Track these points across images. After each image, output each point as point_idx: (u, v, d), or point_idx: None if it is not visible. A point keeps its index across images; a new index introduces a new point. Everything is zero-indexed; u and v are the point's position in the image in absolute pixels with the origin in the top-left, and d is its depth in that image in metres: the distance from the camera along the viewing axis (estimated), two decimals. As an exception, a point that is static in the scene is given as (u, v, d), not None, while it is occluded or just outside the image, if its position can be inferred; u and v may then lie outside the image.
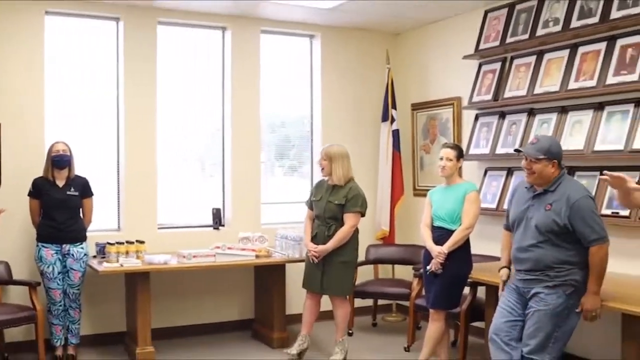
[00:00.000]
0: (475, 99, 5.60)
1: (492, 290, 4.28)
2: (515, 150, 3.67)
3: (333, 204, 4.92)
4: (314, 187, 5.13)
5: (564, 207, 3.43)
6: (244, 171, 6.13)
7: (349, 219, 4.86)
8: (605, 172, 3.29)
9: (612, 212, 4.30)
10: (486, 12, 5.67)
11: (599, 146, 4.57)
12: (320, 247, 4.88)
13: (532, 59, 5.20)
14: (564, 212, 3.42)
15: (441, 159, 4.40)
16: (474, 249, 4.60)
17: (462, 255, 4.32)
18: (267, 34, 6.33)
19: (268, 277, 5.57)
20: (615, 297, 3.59)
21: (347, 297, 5.05)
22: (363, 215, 4.96)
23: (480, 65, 5.68)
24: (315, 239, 4.98)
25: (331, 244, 4.85)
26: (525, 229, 3.57)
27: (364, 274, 6.20)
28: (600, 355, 4.63)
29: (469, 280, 4.42)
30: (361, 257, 6.02)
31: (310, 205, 5.05)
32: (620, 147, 4.42)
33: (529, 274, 3.55)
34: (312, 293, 5.03)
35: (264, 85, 6.27)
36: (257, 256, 5.35)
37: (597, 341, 4.58)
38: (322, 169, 5.01)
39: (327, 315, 5.50)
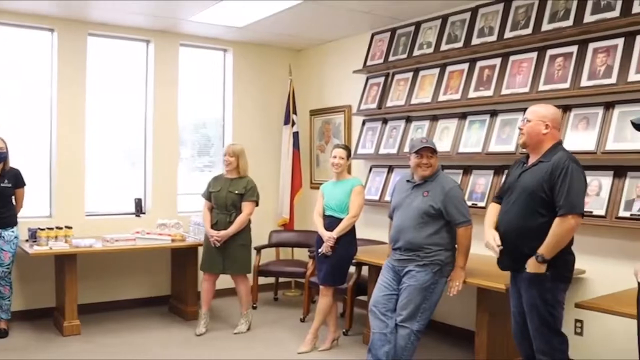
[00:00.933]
0: (363, 107, 5.59)
1: (374, 269, 4.25)
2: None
3: (234, 194, 4.79)
4: (211, 181, 4.94)
5: (439, 193, 3.44)
6: (163, 165, 5.94)
7: (247, 207, 4.76)
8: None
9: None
10: (373, 35, 5.66)
11: (462, 149, 4.62)
12: (223, 232, 4.73)
13: (410, 75, 5.23)
14: (439, 198, 3.43)
15: (334, 157, 4.35)
16: (359, 234, 4.56)
17: (349, 240, 4.28)
18: (185, 47, 6.14)
19: (182, 258, 5.38)
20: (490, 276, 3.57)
21: (247, 275, 4.92)
22: (257, 204, 4.88)
23: (367, 79, 5.67)
24: (216, 226, 4.82)
25: (232, 229, 4.72)
26: (405, 212, 3.54)
27: (267, 256, 6.12)
28: (460, 323, 4.71)
29: (354, 260, 4.38)
30: (264, 241, 6.03)
31: (208, 196, 4.88)
32: (479, 149, 4.49)
33: (403, 254, 3.52)
34: (210, 274, 4.87)
35: (183, 91, 6.09)
36: (172, 240, 5.20)
37: (458, 310, 4.66)
38: (229, 164, 4.85)
39: (230, 292, 5.44)
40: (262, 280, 5.99)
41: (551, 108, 2.98)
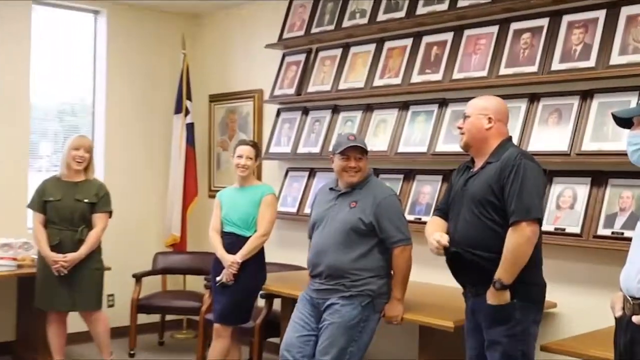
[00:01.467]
0: (278, 92, 5.57)
1: (289, 303, 4.25)
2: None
3: (83, 203, 4.59)
4: (43, 186, 4.67)
5: (370, 204, 3.49)
6: (7, 165, 5.60)
7: (101, 220, 4.61)
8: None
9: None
10: (291, -1, 5.66)
11: (403, 148, 4.63)
12: (72, 256, 4.49)
13: (338, 52, 5.21)
14: (370, 210, 3.48)
15: (239, 156, 4.30)
16: (271, 257, 4.54)
17: (256, 265, 4.24)
18: (41, 6, 5.89)
19: (33, 291, 4.95)
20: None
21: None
22: (111, 216, 4.73)
23: (283, 56, 5.63)
24: (58, 248, 4.53)
25: (85, 250, 4.53)
26: (326, 230, 3.58)
27: (150, 286, 5.94)
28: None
29: (263, 292, 4.37)
30: (146, 266, 5.89)
31: (42, 207, 4.58)
32: (424, 149, 4.49)
33: (324, 283, 3.54)
34: (58, 313, 4.65)
35: (39, 67, 5.82)
36: (19, 266, 5.03)
37: (395, 353, 4.61)
38: (80, 162, 4.62)
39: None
40: (142, 318, 5.74)
41: (493, 99, 3.15)
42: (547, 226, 3.66)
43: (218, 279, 4.19)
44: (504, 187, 2.88)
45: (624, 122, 2.41)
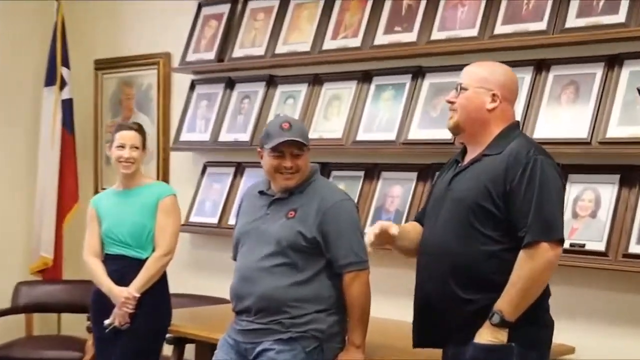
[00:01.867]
0: (191, 57, 5.60)
1: (206, 350, 4.21)
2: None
3: None
4: None
5: (313, 213, 3.51)
6: None
7: None
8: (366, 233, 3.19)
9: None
10: None
11: (363, 135, 4.66)
12: None
13: (275, 2, 5.26)
14: (314, 221, 3.50)
15: (121, 147, 4.29)
16: (181, 286, 4.68)
17: (158, 298, 4.24)
18: None
19: None
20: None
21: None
22: None
23: (199, 7, 5.67)
24: None
25: None
26: (254, 247, 3.58)
27: (9, 329, 5.87)
28: None
29: (169, 335, 4.34)
30: (5, 302, 5.79)
31: None
32: (392, 136, 4.53)
33: (254, 321, 3.53)
34: None
35: None
36: None
37: None
38: None
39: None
40: (-3, 375, 5.73)
41: (500, 69, 3.14)
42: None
43: (107, 322, 4.16)
44: (510, 192, 2.87)
45: None
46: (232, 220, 5.03)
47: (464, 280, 2.92)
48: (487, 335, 2.85)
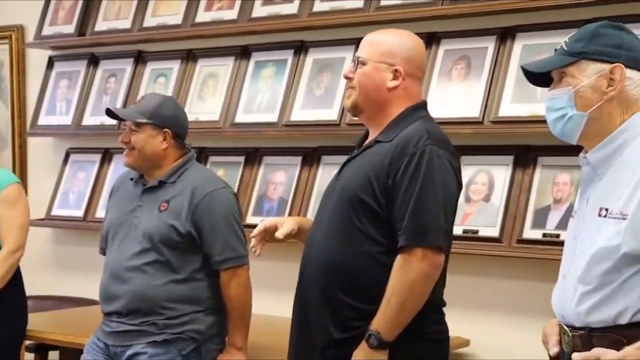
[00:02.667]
0: (48, 30, 5.55)
1: (72, 356, 4.17)
2: None
3: None
4: None
5: (186, 205, 3.51)
6: None
7: None
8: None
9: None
10: None
11: (242, 116, 4.71)
12: None
13: None
14: (187, 213, 3.50)
15: None
16: (42, 287, 4.72)
17: (10, 303, 4.15)
18: None
19: None
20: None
21: None
22: None
23: None
24: None
25: None
26: (126, 242, 3.58)
27: None
28: None
29: (28, 342, 4.35)
30: None
31: None
32: (274, 118, 4.59)
33: (124, 322, 3.52)
34: None
35: None
36: None
37: None
38: None
39: None
40: None
41: (406, 38, 3.01)
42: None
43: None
44: (393, 186, 2.75)
45: (539, 77, 2.47)
46: (99, 213, 5.04)
47: (346, 285, 2.80)
48: (365, 356, 2.74)
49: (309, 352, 2.88)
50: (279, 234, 3.00)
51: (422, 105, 2.96)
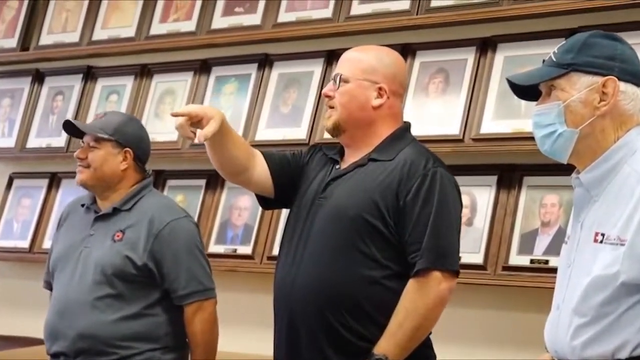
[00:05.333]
0: None
1: None
2: None
3: None
4: None
5: (144, 235, 3.48)
6: None
7: None
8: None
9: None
10: None
11: None
12: None
13: None
14: (145, 244, 3.47)
15: None
16: None
17: None
18: None
19: None
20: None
21: None
22: None
23: None
24: None
25: None
26: (75, 275, 3.52)
27: None
28: None
29: None
30: None
31: None
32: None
33: None
34: None
35: None
36: None
37: None
38: None
39: None
40: None
41: (386, 54, 3.10)
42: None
43: None
44: (404, 208, 2.83)
45: (525, 91, 2.47)
46: (47, 244, 5.00)
47: (349, 309, 2.84)
48: None
49: None
50: (206, 134, 2.87)
51: (409, 127, 3.08)
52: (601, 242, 2.21)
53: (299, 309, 2.92)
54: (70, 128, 3.68)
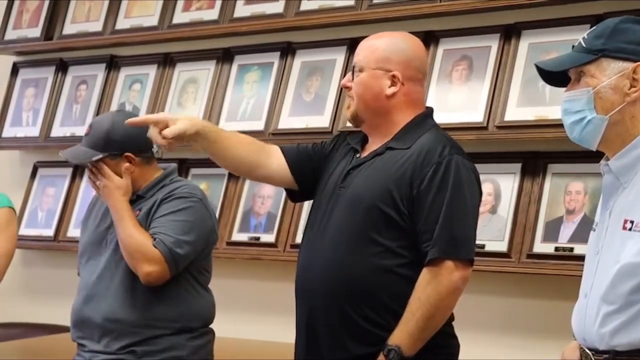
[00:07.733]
0: (12, 34, 5.59)
1: None
2: None
3: None
4: None
5: (150, 204, 3.54)
6: None
7: None
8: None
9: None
10: None
11: (225, 124, 4.65)
12: None
13: None
14: (148, 214, 3.53)
15: None
16: (8, 314, 4.83)
17: None
18: None
19: None
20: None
21: None
22: None
23: None
24: None
25: None
26: (99, 260, 3.55)
27: None
28: None
29: None
30: None
31: None
32: (260, 125, 4.59)
33: (102, 352, 3.46)
34: None
35: None
36: None
37: None
38: None
39: None
40: None
41: (401, 40, 3.06)
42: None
43: None
44: (417, 196, 2.81)
45: (554, 77, 2.45)
46: (71, 232, 5.04)
47: (365, 298, 2.84)
48: None
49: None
50: (168, 132, 2.88)
51: (431, 113, 3.03)
52: (630, 229, 2.19)
53: (316, 298, 2.93)
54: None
